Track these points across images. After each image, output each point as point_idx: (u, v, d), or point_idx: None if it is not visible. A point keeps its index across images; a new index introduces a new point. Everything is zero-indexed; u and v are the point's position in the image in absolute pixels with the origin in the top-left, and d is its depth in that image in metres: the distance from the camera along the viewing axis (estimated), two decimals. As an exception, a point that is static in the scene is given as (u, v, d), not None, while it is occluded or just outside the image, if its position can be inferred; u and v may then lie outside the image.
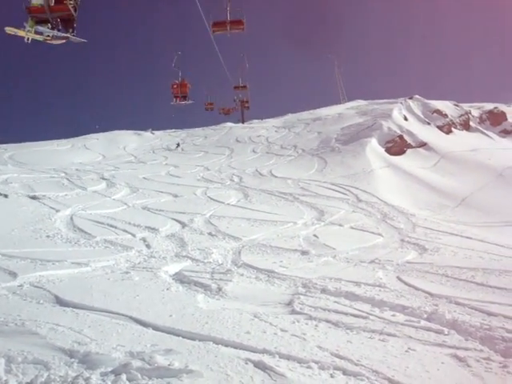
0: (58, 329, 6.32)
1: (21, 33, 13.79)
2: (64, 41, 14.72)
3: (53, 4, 13.55)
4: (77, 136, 50.46)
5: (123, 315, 7.01)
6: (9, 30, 13.82)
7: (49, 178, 25.54)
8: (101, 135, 50.51)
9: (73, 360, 5.35)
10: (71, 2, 13.75)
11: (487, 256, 13.19)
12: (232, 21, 20.52)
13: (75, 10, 14.00)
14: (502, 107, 54.11)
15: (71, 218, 15.92)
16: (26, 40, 13.94)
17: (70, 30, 14.41)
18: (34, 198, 19.45)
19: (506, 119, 51.25)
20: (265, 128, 50.48)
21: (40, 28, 13.84)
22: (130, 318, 6.93)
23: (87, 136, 50.23)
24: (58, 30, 14.19)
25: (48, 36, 14.26)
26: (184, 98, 38.24)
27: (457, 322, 7.12)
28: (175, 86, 37.08)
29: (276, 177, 28.68)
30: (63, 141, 47.61)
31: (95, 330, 6.36)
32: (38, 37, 14.11)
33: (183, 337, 6.19)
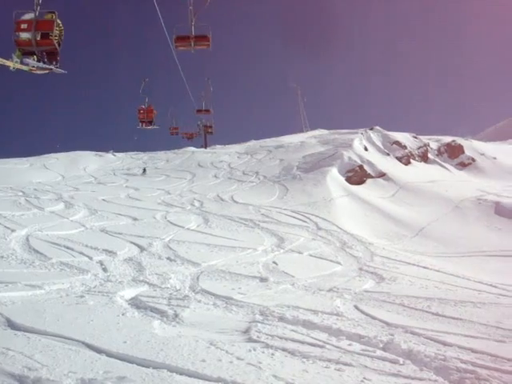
0: (9, 353, 6.13)
1: (8, 63, 14.89)
2: (47, 71, 16.00)
3: (39, 38, 14.85)
4: (36, 155, 49.72)
5: (76, 340, 6.84)
6: (2, 60, 14.81)
7: (5, 197, 25.03)
8: (61, 155, 49.85)
9: (22, 386, 5.20)
10: (56, 38, 15.11)
11: (443, 286, 13.39)
12: (197, 36, 19.61)
13: (59, 45, 15.42)
14: (460, 140, 55.38)
15: (27, 239, 15.58)
16: (11, 69, 15.05)
17: (54, 63, 15.80)
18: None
19: (464, 152, 52.41)
20: (227, 154, 50.55)
21: (26, 60, 15.15)
22: (83, 343, 6.76)
23: (47, 155, 49.51)
24: (43, 62, 15.55)
25: (33, 67, 15.51)
26: (150, 122, 40.24)
27: (412, 351, 7.17)
28: (142, 112, 39.11)
29: (237, 202, 28.66)
30: (22, 159, 46.83)
31: (47, 355, 6.19)
32: (23, 67, 15.34)
33: (137, 364, 6.07)
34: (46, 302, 9.13)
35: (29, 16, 15.11)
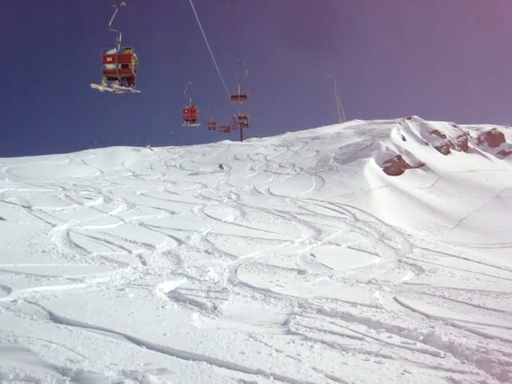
0: (51, 346, 6.23)
1: (99, 87, 21.04)
2: (126, 92, 21.96)
3: (120, 68, 20.86)
4: (75, 151, 50.50)
5: (117, 333, 6.93)
6: (93, 85, 21.24)
7: (46, 193, 25.49)
8: (99, 150, 50.52)
9: (65, 378, 5.28)
10: (133, 67, 21.07)
11: (484, 278, 13.16)
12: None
13: (135, 72, 21.33)
14: (501, 128, 54.34)
15: (67, 234, 15.85)
16: (101, 90, 21.16)
17: (131, 85, 21.75)
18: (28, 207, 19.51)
19: (504, 140, 51.43)
20: (263, 146, 50.55)
21: (111, 84, 21.20)
22: (124, 335, 6.84)
23: (85, 151, 50.22)
24: (123, 85, 21.41)
25: (116, 89, 21.40)
26: (193, 120, 45.55)
27: (453, 344, 7.06)
28: (186, 111, 44.09)
29: (274, 195, 28.65)
30: (61, 155, 47.61)
31: (88, 347, 6.29)
32: (109, 89, 21.28)
33: (177, 356, 6.12)
34: (86, 296, 9.27)
35: (112, 51, 20.97)
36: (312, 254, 14.97)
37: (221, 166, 39.82)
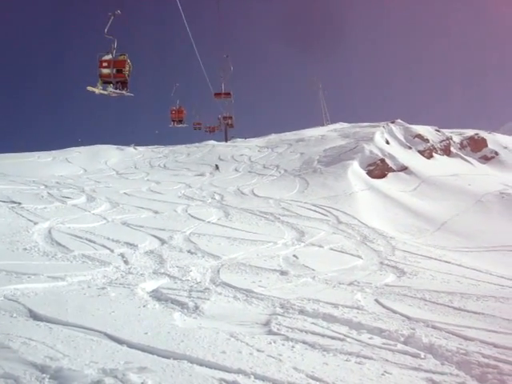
0: (31, 343, 6.19)
1: (95, 89, 22.49)
2: (120, 95, 23.34)
3: (115, 73, 22.34)
4: (58, 149, 50.18)
5: (98, 331, 6.90)
6: (89, 88, 22.60)
7: (28, 190, 25.30)
8: (83, 149, 50.27)
9: (44, 375, 5.25)
10: (126, 72, 22.60)
11: (465, 281, 13.28)
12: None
13: (128, 76, 22.81)
14: (483, 134, 54.79)
15: (49, 232, 15.74)
16: (96, 93, 22.65)
17: (125, 89, 23.19)
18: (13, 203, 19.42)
19: (487, 146, 51.85)
20: (248, 147, 50.60)
21: (106, 87, 22.70)
22: (105, 334, 6.81)
23: (69, 149, 49.97)
24: (117, 89, 22.87)
25: (111, 92, 22.84)
26: (180, 121, 46.64)
27: (433, 346, 7.11)
28: (173, 112, 45.46)
29: (257, 196, 28.68)
30: (44, 153, 47.29)
31: (68, 345, 6.25)
32: (104, 92, 22.78)
33: (158, 355, 6.09)
34: (67, 294, 9.22)
35: (108, 57, 22.33)
36: (295, 256, 14.99)
37: (217, 167, 39.18)
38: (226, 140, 59.83)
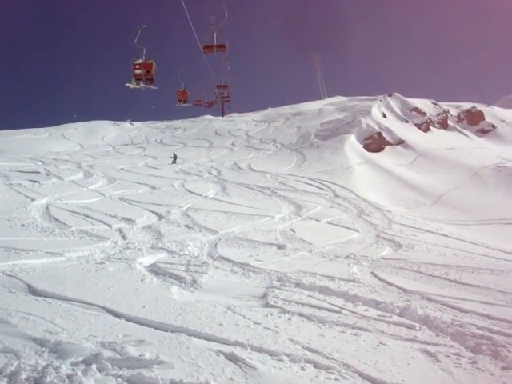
0: (30, 318, 6.24)
1: (130, 85, 28.69)
2: (148, 89, 29.74)
3: (145, 73, 28.60)
4: (55, 125, 50.00)
5: (96, 305, 6.95)
6: (127, 84, 28.80)
7: (25, 167, 25.27)
8: (79, 125, 50.13)
9: (43, 349, 5.30)
10: (153, 72, 28.85)
11: (461, 254, 13.36)
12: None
13: (154, 75, 29.02)
14: (480, 107, 54.67)
15: (47, 208, 15.75)
16: (131, 88, 28.94)
17: (152, 84, 29.34)
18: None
19: (484, 119, 51.83)
20: (245, 122, 50.45)
21: (139, 83, 28.89)
22: (103, 308, 6.87)
23: (65, 125, 49.86)
24: (146, 84, 29.11)
25: (142, 86, 29.16)
26: (185, 101, 49.45)
27: (428, 317, 7.19)
28: (179, 93, 48.68)
29: (254, 171, 28.71)
30: (41, 129, 47.18)
31: (67, 319, 6.30)
32: (137, 86, 29.04)
33: (155, 328, 6.16)
34: (66, 269, 9.27)
35: (139, 60, 28.69)
36: (292, 229, 15.06)
37: (174, 157, 33.22)
38: (223, 114, 59.55)
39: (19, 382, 4.50)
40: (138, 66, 29.24)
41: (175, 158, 32.93)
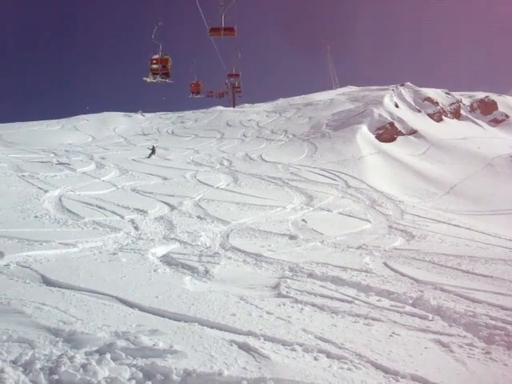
0: (44, 308, 6.28)
1: (147, 79, 32.80)
2: (163, 82, 33.90)
3: (161, 67, 32.21)
4: (67, 117, 50.20)
5: (109, 295, 6.99)
6: (144, 78, 33.08)
7: (38, 159, 25.41)
8: (91, 116, 50.26)
9: (58, 339, 5.33)
10: (169, 67, 32.39)
11: (474, 244, 13.30)
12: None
13: (170, 69, 32.75)
14: (493, 96, 54.21)
15: (60, 199, 15.85)
16: (148, 81, 33.07)
17: (168, 78, 33.24)
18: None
19: (497, 108, 51.38)
20: (256, 112, 50.33)
21: (155, 77, 32.75)
22: (116, 298, 6.91)
23: (77, 117, 50.01)
24: (162, 78, 33.00)
25: (158, 80, 32.94)
26: (198, 93, 52.03)
27: (441, 308, 7.17)
28: (192, 85, 51.11)
29: (266, 161, 28.68)
30: (53, 121, 47.37)
31: (81, 309, 6.35)
32: (153, 80, 33.01)
33: (169, 318, 6.19)
34: (79, 260, 9.33)
35: (156, 56, 32.30)
36: (303, 220, 15.05)
37: (153, 150, 30.13)
38: (234, 105, 59.46)
39: (34, 372, 4.54)
40: (154, 61, 32.56)
41: (153, 151, 29.72)
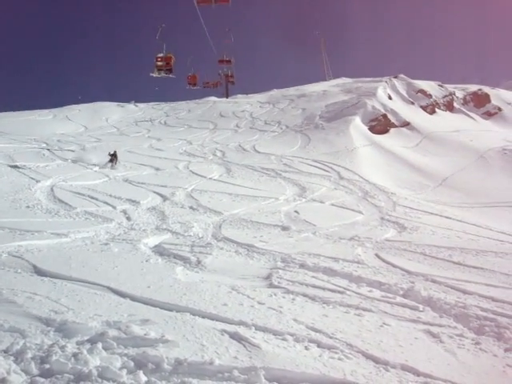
0: (35, 298, 6.29)
1: (153, 74, 42.08)
2: (167, 77, 42.26)
3: (165, 64, 41.05)
4: (59, 106, 49.93)
5: (101, 285, 6.99)
6: (151, 73, 42.79)
7: (30, 149, 25.29)
8: (83, 106, 50.03)
9: (49, 328, 5.34)
10: (172, 63, 41.18)
11: (465, 236, 13.35)
12: None
13: (173, 65, 41.57)
14: (487, 89, 54.30)
15: (51, 189, 15.81)
16: (154, 76, 42.44)
17: (171, 73, 41.70)
18: (15, 167, 19.31)
19: (490, 101, 51.49)
20: (249, 103, 50.26)
21: (160, 72, 41.69)
22: (108, 288, 6.91)
23: (69, 107, 49.73)
24: (166, 74, 41.83)
25: (162, 75, 41.56)
26: (194, 85, 54.12)
27: (432, 299, 7.21)
28: (189, 77, 53.31)
29: (259, 152, 28.67)
30: (45, 111, 47.09)
31: (72, 299, 6.35)
32: (158, 75, 41.82)
33: (160, 308, 6.20)
34: (71, 250, 9.32)
35: (161, 54, 40.67)
36: (296, 211, 15.07)
37: (113, 156, 22.67)
38: (227, 96, 59.27)
39: (25, 361, 4.55)
40: (159, 59, 40.02)
41: (115, 157, 22.65)
